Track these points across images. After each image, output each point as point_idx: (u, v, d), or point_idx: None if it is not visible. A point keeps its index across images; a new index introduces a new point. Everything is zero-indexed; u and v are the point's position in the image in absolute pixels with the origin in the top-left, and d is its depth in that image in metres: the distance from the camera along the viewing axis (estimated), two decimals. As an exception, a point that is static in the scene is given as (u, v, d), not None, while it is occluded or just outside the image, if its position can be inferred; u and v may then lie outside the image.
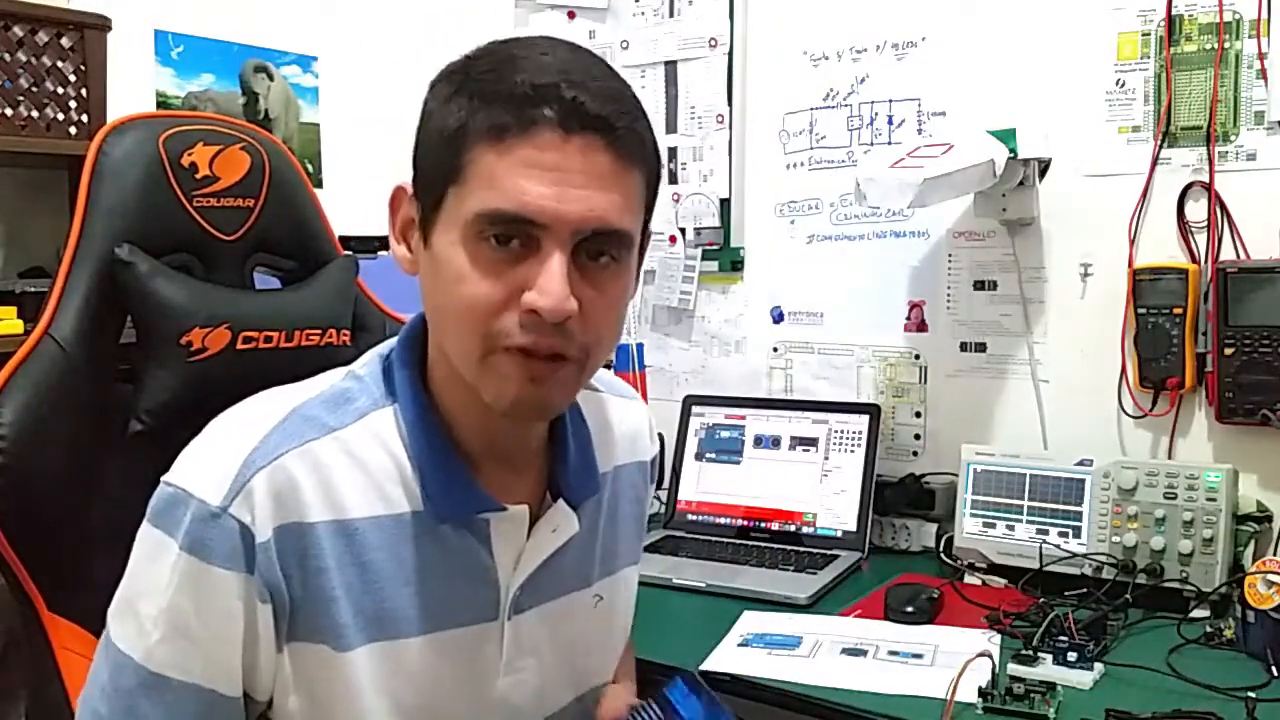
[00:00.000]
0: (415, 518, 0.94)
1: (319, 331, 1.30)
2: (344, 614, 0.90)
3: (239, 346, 1.23)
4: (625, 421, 1.16)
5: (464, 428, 0.96)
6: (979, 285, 2.05)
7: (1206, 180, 1.79)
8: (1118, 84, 1.87)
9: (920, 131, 2.09)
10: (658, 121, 2.41)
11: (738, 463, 2.13)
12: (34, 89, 1.88)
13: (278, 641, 0.89)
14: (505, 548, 0.98)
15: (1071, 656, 1.40)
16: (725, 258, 2.35)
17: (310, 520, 0.89)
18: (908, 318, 2.14)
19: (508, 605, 0.99)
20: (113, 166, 1.20)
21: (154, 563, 0.88)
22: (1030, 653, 1.42)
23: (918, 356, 2.13)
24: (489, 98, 0.85)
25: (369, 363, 0.99)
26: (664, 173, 0.98)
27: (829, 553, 1.90)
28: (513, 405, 0.90)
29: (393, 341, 1.00)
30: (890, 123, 2.13)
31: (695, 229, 2.37)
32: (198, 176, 1.24)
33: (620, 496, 1.14)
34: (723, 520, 2.08)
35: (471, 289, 0.86)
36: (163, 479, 0.90)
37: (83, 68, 1.93)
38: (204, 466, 0.89)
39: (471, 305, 0.86)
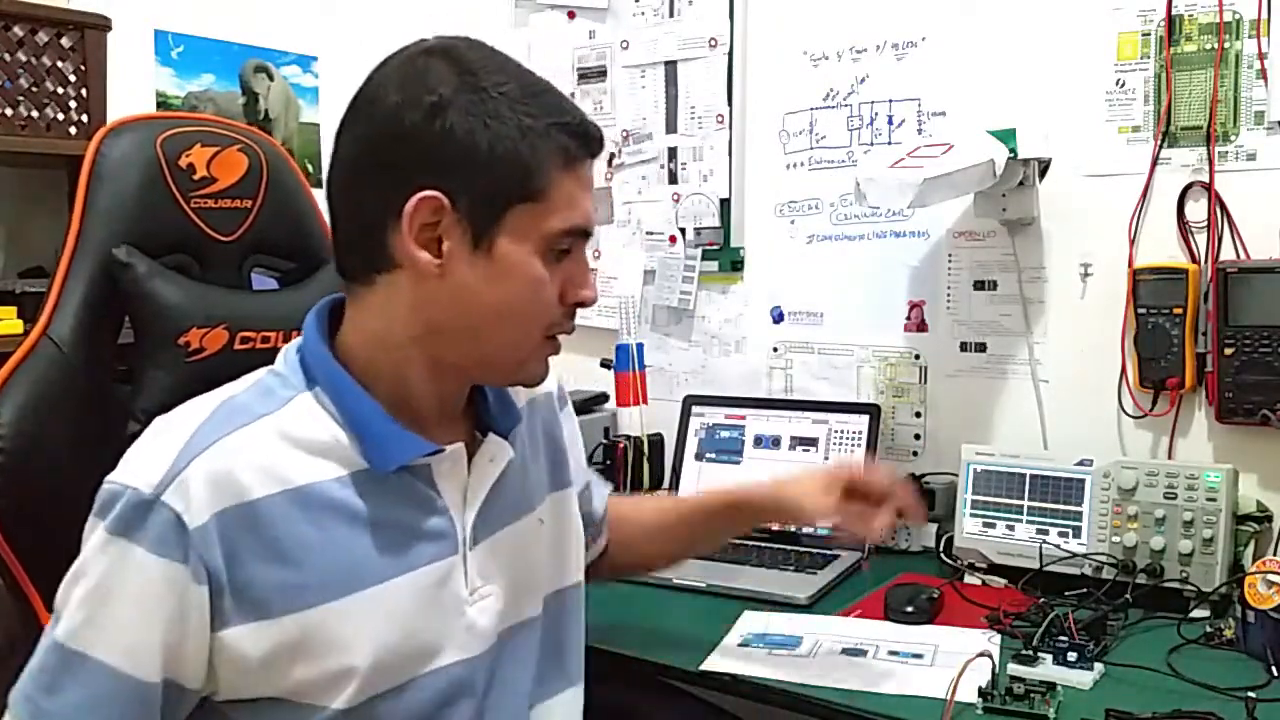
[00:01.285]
0: (360, 476, 1.01)
1: (317, 332, 1.30)
2: (310, 573, 0.97)
3: (237, 347, 1.24)
4: None
5: (412, 394, 1.06)
6: (979, 285, 2.05)
7: (1206, 180, 1.78)
8: (1118, 84, 1.87)
9: (920, 131, 2.09)
10: (658, 121, 2.41)
11: (738, 463, 2.13)
12: (34, 89, 1.88)
13: (214, 624, 0.94)
14: (450, 485, 1.07)
15: (1071, 656, 1.40)
16: (725, 258, 2.35)
17: (254, 497, 0.95)
18: (908, 318, 2.13)
19: (466, 538, 1.08)
20: (110, 168, 1.20)
21: (88, 550, 0.94)
22: (1030, 653, 1.42)
23: (918, 356, 2.13)
24: (554, 129, 1.00)
25: (285, 358, 1.07)
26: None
27: (829, 553, 1.90)
28: (543, 377, 1.11)
29: (299, 341, 1.08)
30: (890, 123, 2.13)
31: (695, 229, 2.37)
32: (195, 178, 1.24)
33: (539, 427, 1.25)
34: (723, 520, 2.08)
35: (548, 291, 1.03)
36: (105, 480, 0.96)
37: (83, 68, 1.93)
38: (139, 462, 0.95)
39: (547, 304, 1.03)
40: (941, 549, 1.87)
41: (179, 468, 0.93)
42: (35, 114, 1.89)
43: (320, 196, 1.38)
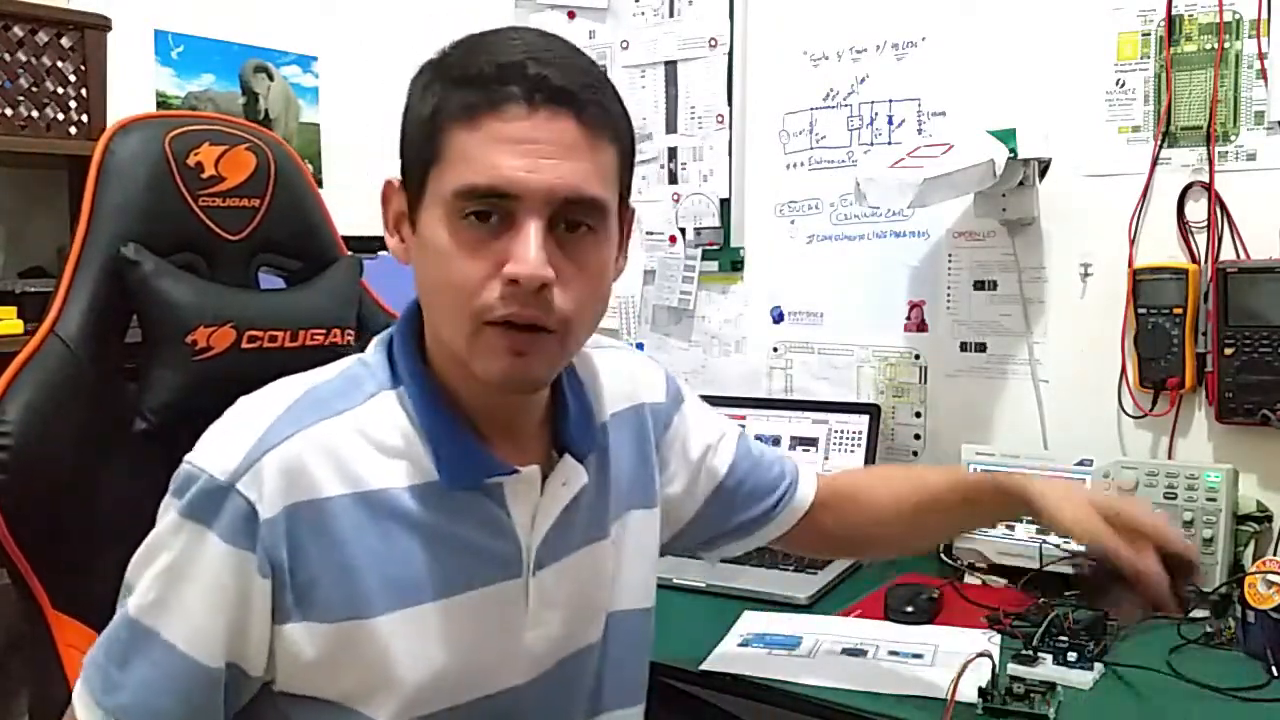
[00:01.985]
0: (430, 488, 0.97)
1: (323, 331, 1.31)
2: (370, 581, 0.94)
3: (244, 346, 1.24)
4: (612, 370, 1.19)
5: (468, 402, 1.01)
6: (979, 285, 2.05)
7: (1206, 180, 1.79)
8: (1118, 84, 1.87)
9: (920, 131, 2.09)
10: (658, 121, 2.41)
11: (738, 462, 2.12)
12: (34, 89, 1.88)
13: (276, 616, 0.93)
14: (521, 507, 1.02)
15: (1071, 656, 1.40)
16: (725, 258, 2.35)
17: (325, 495, 0.93)
18: (908, 318, 2.14)
19: (530, 562, 1.03)
20: (119, 166, 1.21)
21: (163, 529, 0.93)
22: (1030, 653, 1.42)
23: (918, 356, 2.13)
24: (459, 80, 0.91)
25: (375, 349, 1.03)
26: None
27: (829, 552, 1.90)
28: (500, 379, 0.94)
29: (390, 332, 1.04)
30: (890, 123, 2.13)
31: (695, 229, 2.37)
32: (203, 176, 1.24)
33: (621, 444, 1.17)
34: (723, 520, 2.08)
35: (457, 266, 0.91)
36: (184, 458, 0.94)
37: (83, 68, 1.93)
38: (218, 445, 0.93)
39: (458, 282, 0.91)
40: (941, 549, 1.87)
41: (255, 457, 0.91)
42: (35, 114, 1.88)
43: (325, 197, 1.39)
